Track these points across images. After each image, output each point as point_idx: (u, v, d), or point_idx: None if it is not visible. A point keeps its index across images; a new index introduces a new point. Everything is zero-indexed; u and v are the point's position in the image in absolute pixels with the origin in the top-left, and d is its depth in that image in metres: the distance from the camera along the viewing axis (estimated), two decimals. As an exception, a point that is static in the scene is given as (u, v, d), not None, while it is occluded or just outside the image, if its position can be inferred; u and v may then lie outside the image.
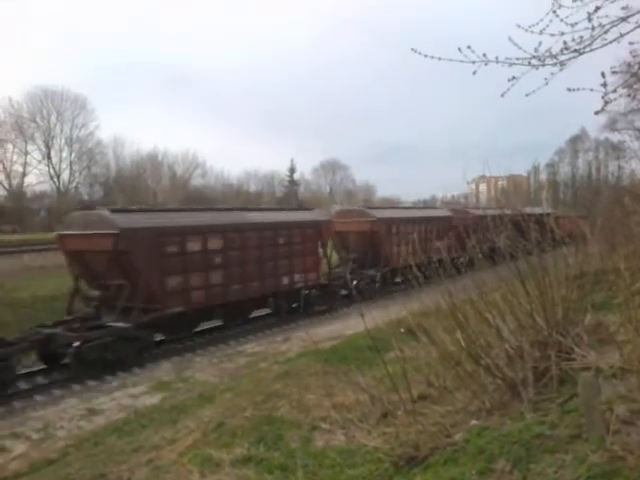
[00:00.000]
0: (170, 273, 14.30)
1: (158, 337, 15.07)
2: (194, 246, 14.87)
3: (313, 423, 5.90)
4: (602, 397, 3.45)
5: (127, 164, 60.05)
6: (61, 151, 55.16)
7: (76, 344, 12.40)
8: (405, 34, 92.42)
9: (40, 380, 12.50)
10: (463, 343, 4.81)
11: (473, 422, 4.20)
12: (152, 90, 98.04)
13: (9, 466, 7.88)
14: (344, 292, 21.11)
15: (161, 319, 14.16)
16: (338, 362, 9.69)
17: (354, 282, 20.86)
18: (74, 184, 56.45)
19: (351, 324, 14.52)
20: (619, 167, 66.28)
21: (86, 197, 54.59)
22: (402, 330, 6.65)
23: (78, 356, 12.33)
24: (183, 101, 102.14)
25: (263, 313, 18.95)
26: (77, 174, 56.24)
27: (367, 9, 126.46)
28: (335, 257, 22.65)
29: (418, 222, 25.01)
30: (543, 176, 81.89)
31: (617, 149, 62.06)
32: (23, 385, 12.21)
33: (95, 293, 14.53)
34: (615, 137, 42.10)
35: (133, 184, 57.26)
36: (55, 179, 54.96)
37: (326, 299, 19.98)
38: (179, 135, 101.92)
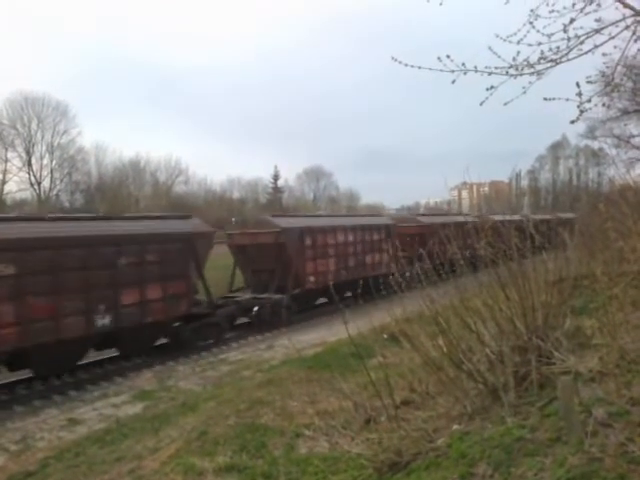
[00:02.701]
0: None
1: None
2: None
3: (297, 430, 5.90)
4: (581, 400, 3.51)
5: (109, 171, 59.41)
6: (42, 158, 54.25)
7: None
8: (390, 41, 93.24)
9: (20, 391, 12.30)
10: (445, 349, 4.85)
11: (455, 427, 4.23)
12: (134, 97, 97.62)
13: (-13, 479, 7.75)
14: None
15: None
16: (321, 369, 9.71)
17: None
18: (55, 191, 55.70)
19: (335, 331, 14.53)
20: (599, 174, 67.42)
21: (67, 204, 53.92)
22: (385, 336, 6.69)
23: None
24: (166, 108, 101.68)
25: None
26: (58, 181, 55.46)
27: (351, 14, 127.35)
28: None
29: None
30: (525, 182, 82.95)
31: (597, 156, 63.05)
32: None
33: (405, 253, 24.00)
34: (595, 144, 42.86)
35: (115, 191, 56.72)
36: (36, 186, 54.10)
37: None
38: (161, 142, 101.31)
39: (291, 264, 19.25)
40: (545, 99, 4.80)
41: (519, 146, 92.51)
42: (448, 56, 4.67)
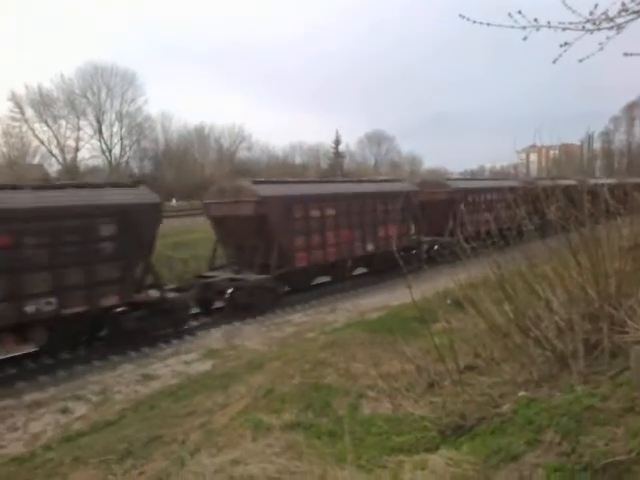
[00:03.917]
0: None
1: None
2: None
3: (360, 391, 6.01)
4: (656, 370, 3.39)
5: (175, 138, 60.92)
6: (112, 126, 56.12)
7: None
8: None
9: (98, 346, 13.10)
10: (511, 315, 4.78)
11: (521, 393, 4.19)
12: (198, 64, 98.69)
13: (73, 426, 8.39)
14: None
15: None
16: (384, 333, 9.77)
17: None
18: (125, 158, 57.73)
19: (397, 295, 14.55)
20: (680, 135, 63.07)
21: (136, 171, 55.77)
22: (449, 301, 6.64)
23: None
24: (229, 75, 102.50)
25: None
26: (127, 148, 57.33)
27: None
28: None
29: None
30: (597, 145, 78.71)
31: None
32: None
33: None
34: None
35: (181, 158, 58.10)
36: (107, 153, 56.28)
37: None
38: (225, 109, 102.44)
39: (457, 215, 24.10)
40: (625, 54, 4.50)
41: (592, 107, 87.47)
42: (519, 12, 4.44)
